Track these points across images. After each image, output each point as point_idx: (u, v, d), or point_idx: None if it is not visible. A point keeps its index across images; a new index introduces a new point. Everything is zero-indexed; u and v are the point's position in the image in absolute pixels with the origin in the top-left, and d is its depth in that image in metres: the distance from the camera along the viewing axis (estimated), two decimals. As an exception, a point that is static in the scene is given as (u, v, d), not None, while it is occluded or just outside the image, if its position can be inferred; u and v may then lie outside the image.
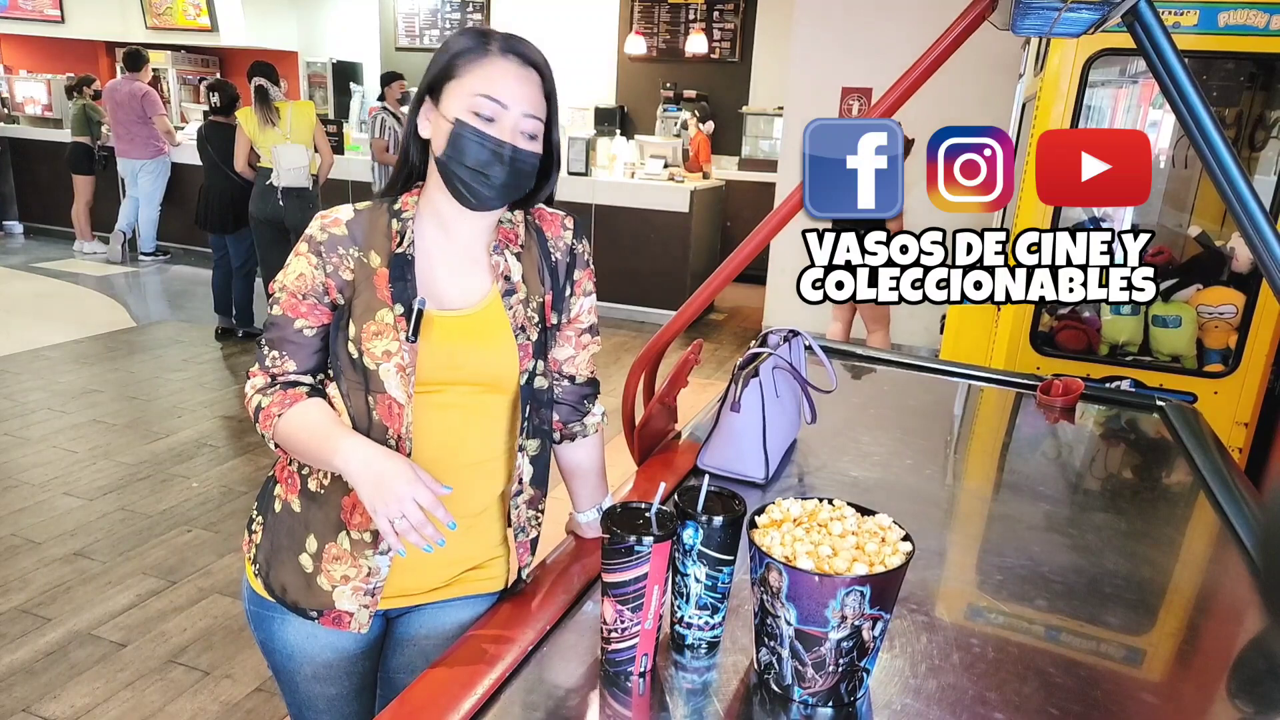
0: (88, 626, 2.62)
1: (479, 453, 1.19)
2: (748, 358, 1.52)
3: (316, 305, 1.14)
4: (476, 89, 1.10)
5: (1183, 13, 2.56)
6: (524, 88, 1.12)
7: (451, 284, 1.17)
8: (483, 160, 1.10)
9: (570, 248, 1.26)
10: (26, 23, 9.68)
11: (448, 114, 1.11)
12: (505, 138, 1.10)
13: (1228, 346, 2.95)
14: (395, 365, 1.11)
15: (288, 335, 1.14)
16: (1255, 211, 1.04)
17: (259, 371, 1.16)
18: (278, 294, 1.15)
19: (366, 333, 1.12)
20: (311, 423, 1.10)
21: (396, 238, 1.15)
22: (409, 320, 1.11)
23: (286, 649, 1.22)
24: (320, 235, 1.13)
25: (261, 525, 1.22)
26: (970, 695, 0.96)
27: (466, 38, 1.14)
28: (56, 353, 5.25)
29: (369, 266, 1.13)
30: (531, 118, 1.12)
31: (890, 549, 0.91)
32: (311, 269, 1.13)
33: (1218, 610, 1.29)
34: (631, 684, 0.95)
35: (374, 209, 1.17)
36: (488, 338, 1.17)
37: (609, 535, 0.93)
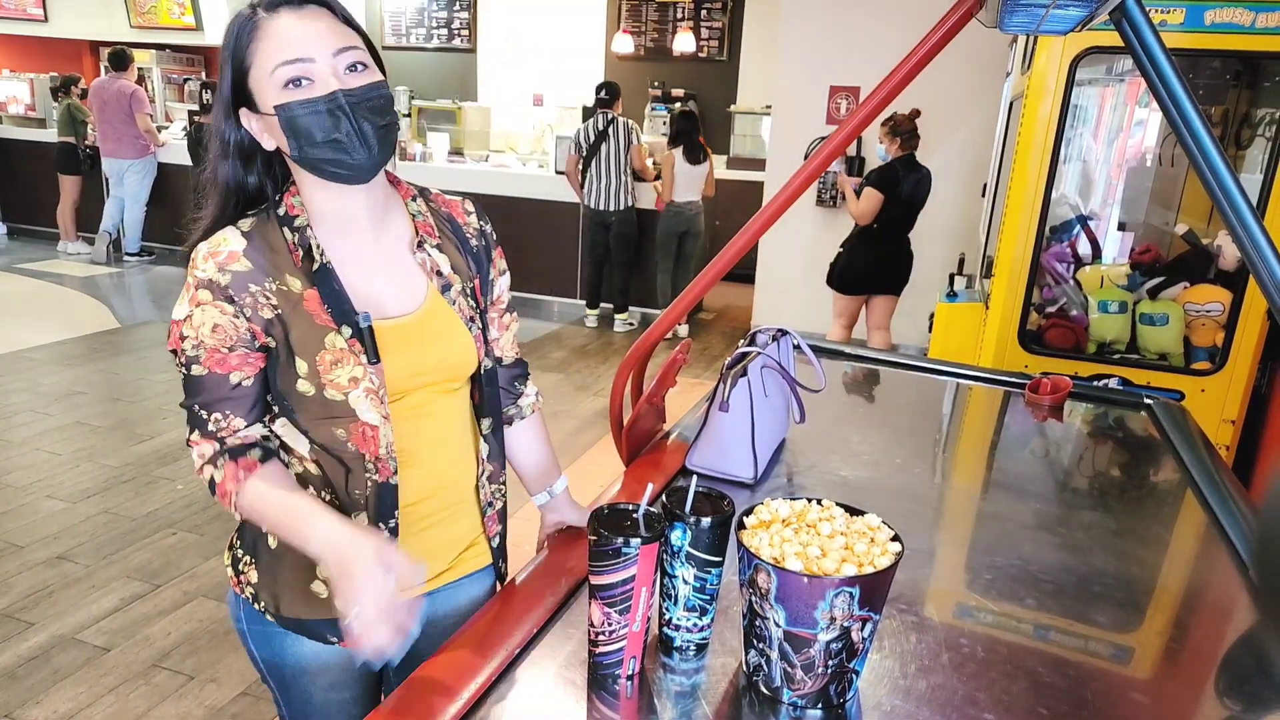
0: (71, 631, 2.60)
1: (453, 446, 1.18)
2: (736, 357, 1.52)
3: (249, 354, 1.03)
4: (272, 62, 0.98)
5: (1169, 10, 2.57)
6: (316, 29, 0.99)
7: (383, 290, 1.09)
8: (327, 126, 0.98)
9: (481, 230, 1.22)
10: (9, 22, 9.60)
11: (266, 107, 0.99)
12: (333, 87, 0.98)
13: (1215, 344, 2.96)
14: (364, 390, 1.04)
15: (224, 394, 1.04)
16: (1243, 209, 1.04)
17: (202, 439, 1.05)
18: (191, 353, 1.02)
19: (323, 363, 1.03)
20: (276, 504, 1.03)
21: (299, 251, 1.04)
22: (361, 340, 1.03)
23: (300, 664, 1.17)
24: (221, 277, 1.00)
25: (254, 564, 1.16)
26: (960, 695, 0.95)
27: (234, 24, 1.00)
28: (40, 354, 5.21)
29: (293, 294, 1.03)
30: (345, 50, 0.99)
31: (879, 549, 0.90)
32: (229, 318, 1.01)
33: (1206, 608, 1.29)
34: (619, 687, 0.94)
35: (260, 225, 1.05)
36: (442, 336, 1.12)
37: (596, 537, 0.92)
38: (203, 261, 1.01)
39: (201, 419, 1.05)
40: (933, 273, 5.42)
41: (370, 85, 1.01)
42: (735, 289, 7.04)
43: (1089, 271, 3.28)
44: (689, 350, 1.66)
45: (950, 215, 5.59)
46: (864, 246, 4.67)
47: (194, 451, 1.07)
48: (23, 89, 8.68)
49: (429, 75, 10.18)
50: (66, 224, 7.93)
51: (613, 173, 6.07)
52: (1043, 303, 3.22)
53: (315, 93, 0.98)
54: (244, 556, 1.17)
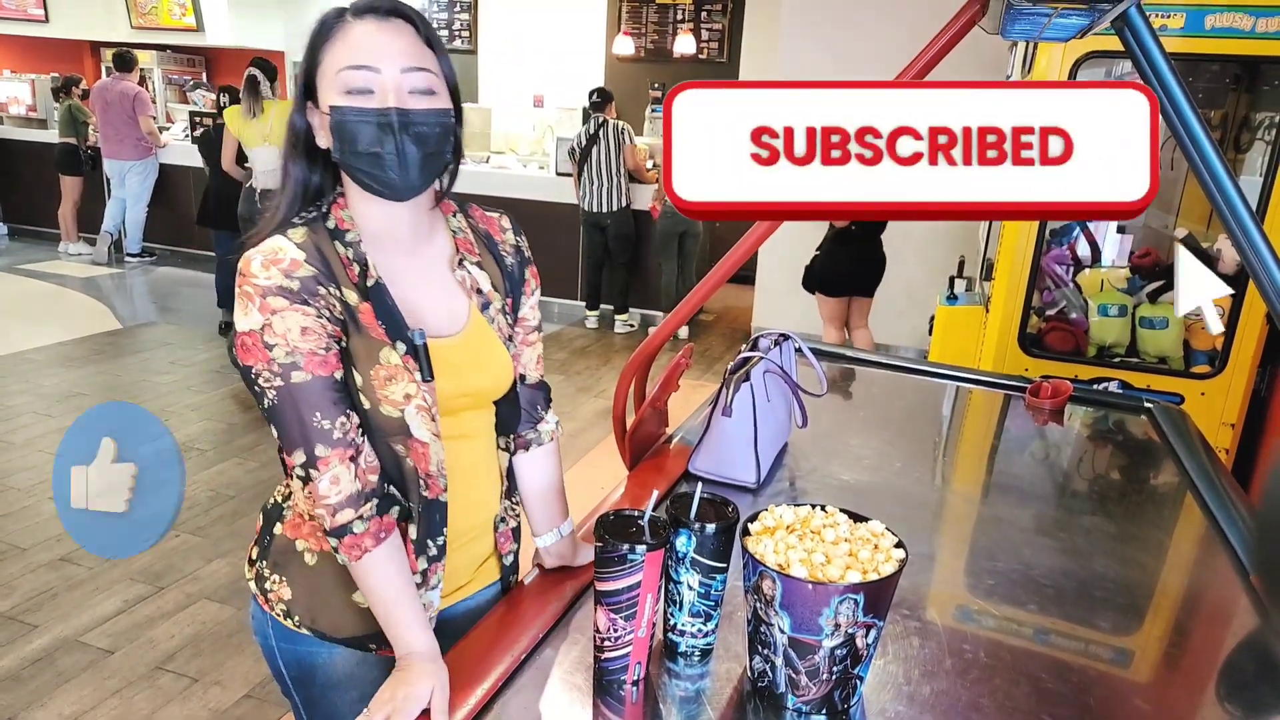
0: (75, 633, 2.60)
1: (485, 467, 1.17)
2: (738, 361, 1.52)
3: (339, 352, 1.01)
4: (339, 64, 0.98)
5: (1169, 15, 2.57)
6: (393, 41, 0.99)
7: (429, 308, 1.08)
8: (372, 138, 0.97)
9: (517, 247, 1.21)
10: (10, 22, 9.60)
11: (324, 105, 1.00)
12: (390, 103, 0.97)
13: (1214, 348, 2.97)
14: (416, 407, 1.03)
15: (336, 394, 0.99)
16: (1243, 213, 1.05)
17: (336, 453, 0.98)
18: (286, 360, 0.96)
19: (377, 378, 1.01)
20: (392, 587, 1.01)
21: (354, 266, 1.03)
22: (416, 358, 1.02)
23: (333, 679, 1.16)
24: (289, 282, 0.97)
25: (284, 581, 1.12)
26: (964, 701, 0.96)
27: (321, 20, 1.01)
28: (41, 355, 5.21)
29: (350, 305, 1.01)
30: (416, 70, 0.99)
31: (884, 556, 0.91)
32: (314, 319, 0.98)
33: (1207, 612, 1.30)
34: (625, 692, 0.95)
35: (315, 234, 1.02)
36: (484, 356, 1.12)
37: (602, 543, 0.92)
38: (262, 270, 0.97)
39: (325, 430, 0.98)
40: (932, 276, 5.42)
41: (430, 111, 1.00)
42: (735, 291, 7.04)
43: (1089, 275, 3.28)
44: (691, 355, 1.66)
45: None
46: (842, 248, 4.65)
47: (324, 475, 0.98)
48: (24, 90, 8.68)
49: (429, 76, 10.16)
50: (68, 225, 7.93)
51: (605, 175, 6.09)
52: (1043, 306, 3.23)
53: (371, 104, 0.97)
54: (271, 575, 1.14)
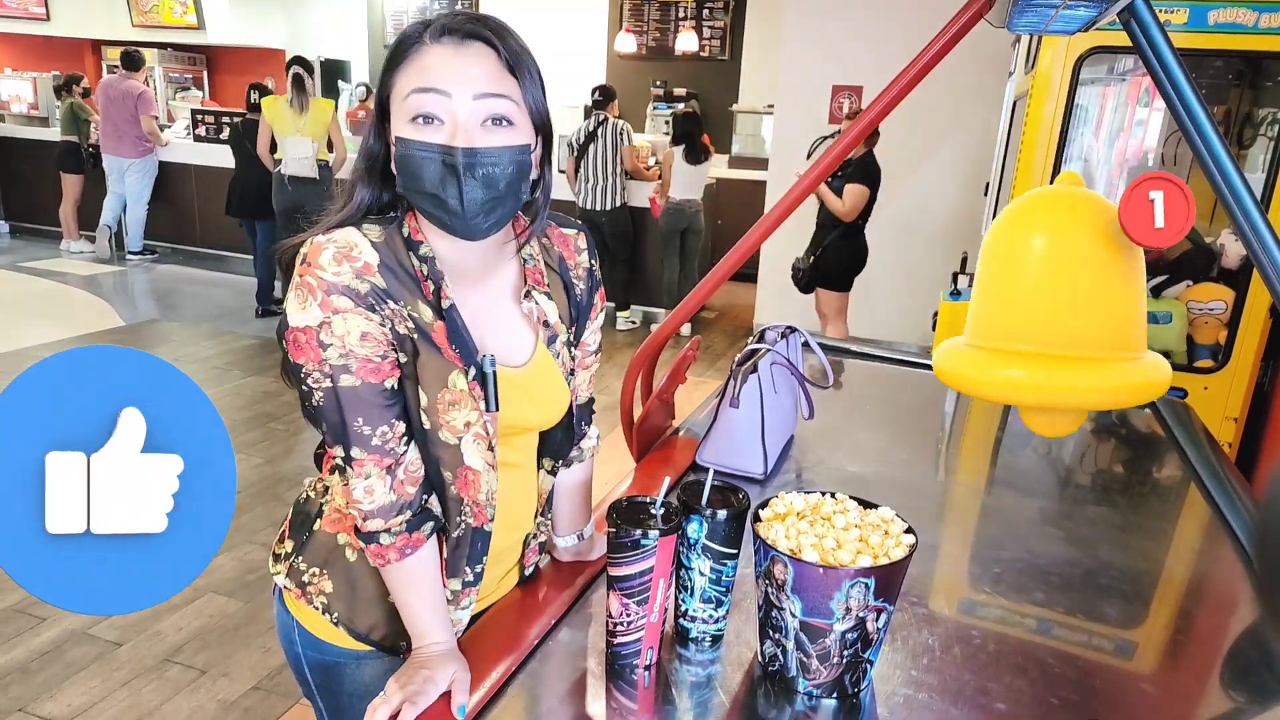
0: (83, 626, 2.61)
1: (525, 492, 1.14)
2: (746, 353, 1.53)
3: (396, 361, 0.96)
4: (408, 87, 0.92)
5: (1173, 10, 2.58)
6: (467, 65, 0.91)
7: (494, 339, 1.03)
8: (435, 178, 0.91)
9: (590, 271, 1.15)
10: (11, 21, 9.61)
11: (392, 135, 0.94)
12: (455, 139, 0.91)
13: (1217, 342, 2.97)
14: (474, 435, 0.99)
15: (384, 402, 0.95)
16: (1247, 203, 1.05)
17: (374, 459, 0.96)
18: (338, 362, 0.92)
19: (442, 403, 0.97)
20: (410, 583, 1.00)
21: (429, 283, 0.98)
22: (482, 385, 0.98)
23: (360, 689, 1.14)
24: (359, 284, 0.92)
25: (326, 575, 1.09)
26: (972, 686, 0.97)
27: (399, 38, 0.95)
28: (44, 352, 5.14)
29: (423, 321, 0.96)
30: (490, 97, 0.92)
31: (894, 541, 0.92)
32: (375, 325, 0.93)
33: (1212, 601, 1.31)
34: (637, 676, 0.96)
35: (390, 238, 0.97)
36: (545, 389, 1.07)
37: (614, 529, 0.93)
38: (333, 264, 0.92)
39: (364, 435, 0.95)
40: (936, 271, 5.43)
41: (501, 149, 0.93)
42: (737, 288, 7.05)
43: (1092, 270, 3.29)
44: (699, 347, 1.67)
45: (953, 214, 5.60)
46: (846, 241, 4.70)
47: (359, 480, 0.96)
48: (25, 88, 8.70)
49: (431, 74, 10.17)
50: (69, 223, 7.94)
51: (600, 173, 6.11)
52: (1046, 301, 3.23)
53: (436, 138, 0.91)
54: (310, 569, 1.11)
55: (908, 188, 5.57)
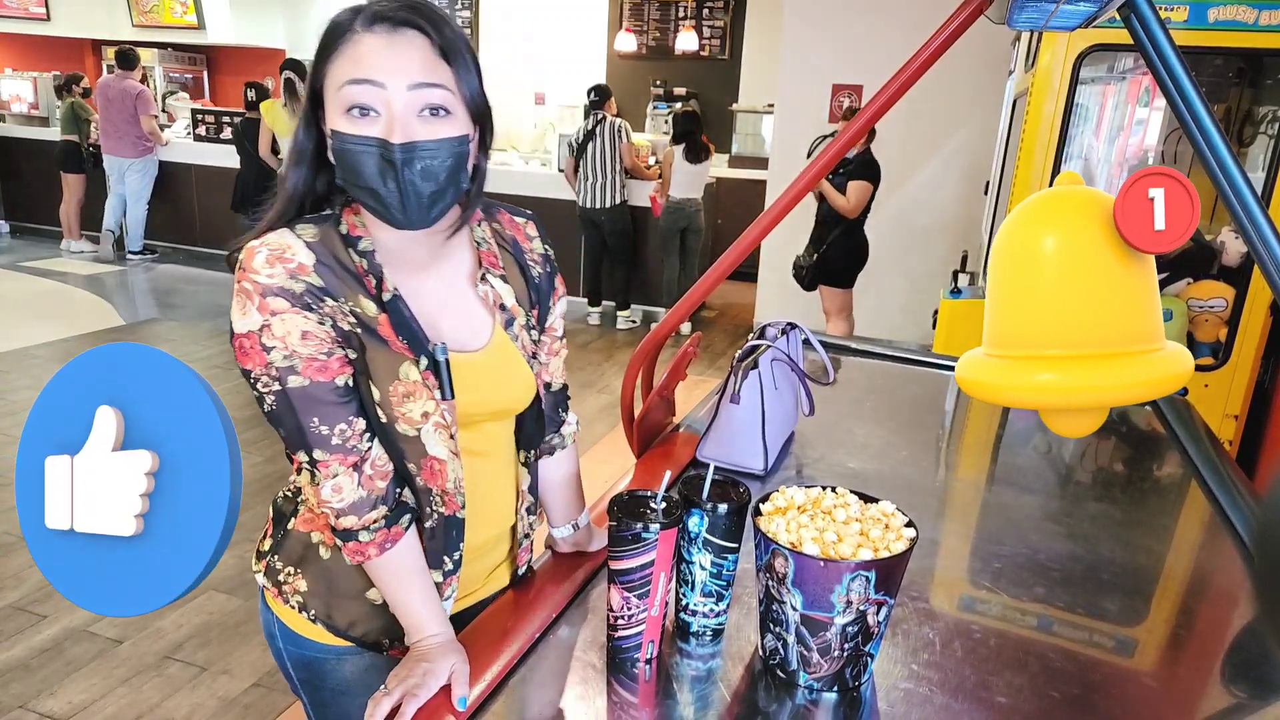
0: (83, 623, 2.62)
1: (502, 483, 1.14)
2: (746, 350, 1.53)
3: (345, 357, 0.95)
4: (341, 78, 0.90)
5: (1173, 8, 2.58)
6: (401, 55, 0.89)
7: (450, 325, 1.03)
8: (374, 173, 0.90)
9: (545, 255, 1.16)
10: (12, 21, 9.62)
11: (327, 127, 0.93)
12: (393, 134, 0.89)
13: (1218, 340, 2.98)
14: (434, 425, 0.98)
15: (337, 400, 0.94)
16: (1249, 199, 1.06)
17: (337, 458, 0.95)
18: (284, 364, 0.92)
19: (395, 395, 0.96)
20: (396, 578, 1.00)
21: (370, 277, 0.97)
22: (436, 374, 0.98)
23: (342, 685, 1.14)
24: (293, 284, 0.92)
25: (300, 574, 1.10)
26: (973, 680, 0.97)
27: (330, 25, 0.92)
28: (45, 351, 5.22)
29: (366, 315, 0.96)
30: (425, 87, 0.90)
31: (894, 535, 0.92)
32: (315, 324, 0.93)
33: (1212, 597, 1.31)
34: (638, 670, 0.96)
35: (326, 238, 0.96)
36: (505, 371, 1.07)
37: (615, 523, 0.93)
38: (266, 267, 0.91)
39: (323, 435, 0.94)
40: (936, 269, 5.43)
41: (439, 142, 0.91)
42: (737, 287, 7.05)
43: (1092, 268, 3.29)
44: (699, 344, 1.68)
45: (953, 212, 5.60)
46: (849, 238, 4.72)
47: (325, 481, 0.96)
48: (26, 88, 8.70)
49: (431, 74, 10.18)
50: (70, 222, 7.95)
51: (600, 172, 6.12)
52: (1046, 299, 3.23)
53: (372, 130, 0.90)
54: (285, 568, 1.11)
55: (908, 186, 5.58)
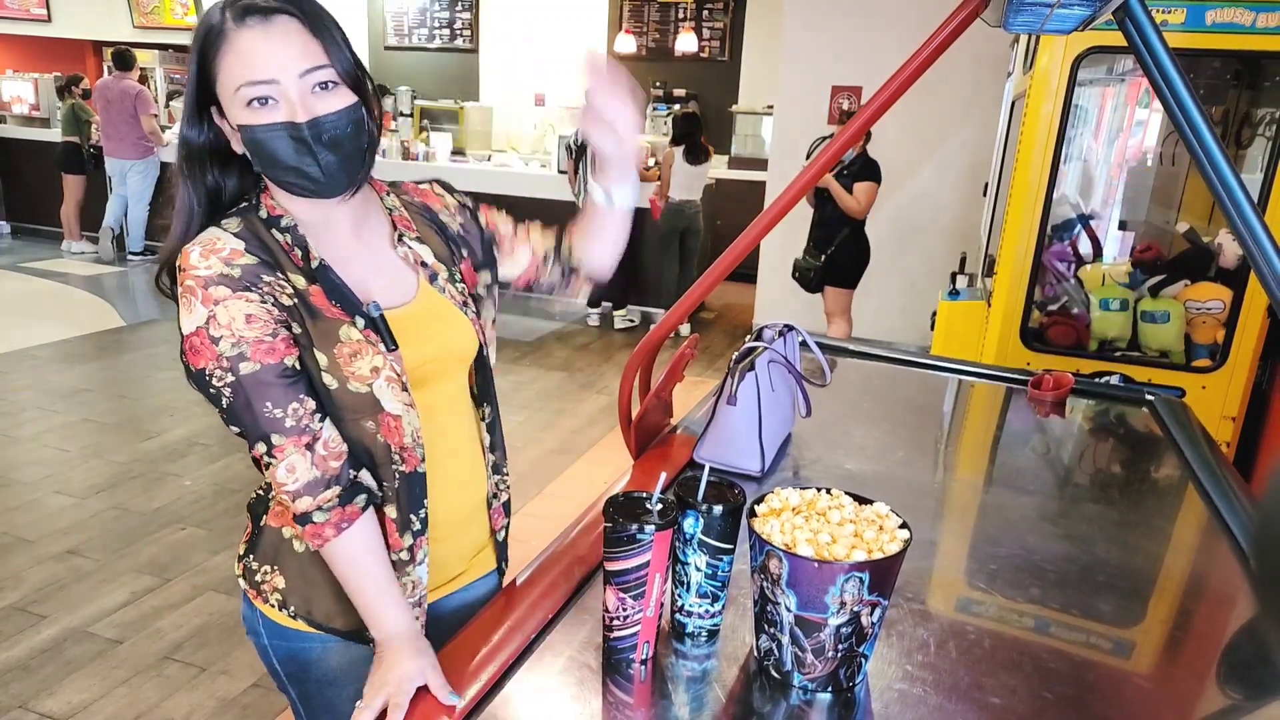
0: (83, 624, 2.62)
1: (466, 442, 1.17)
2: (743, 352, 1.54)
3: (290, 337, 0.99)
4: (235, 81, 0.95)
5: (1170, 10, 2.58)
6: (282, 47, 0.95)
7: (377, 286, 1.07)
8: (291, 152, 0.96)
9: (461, 204, 1.22)
10: (13, 22, 9.63)
11: (232, 122, 0.98)
12: (298, 115, 0.95)
13: (1215, 342, 2.98)
14: (386, 379, 1.02)
15: (287, 381, 0.97)
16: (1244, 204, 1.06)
17: (291, 441, 0.97)
18: (233, 353, 0.95)
19: (342, 357, 1.00)
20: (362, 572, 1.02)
21: (296, 250, 1.02)
22: (376, 330, 1.03)
23: (328, 675, 1.15)
24: (230, 270, 0.96)
25: (277, 571, 1.11)
26: (966, 680, 0.97)
27: (201, 27, 0.96)
28: (46, 352, 5.23)
29: (300, 288, 1.01)
30: (312, 70, 0.96)
31: (888, 536, 0.93)
32: (258, 305, 0.96)
33: (1208, 598, 1.31)
34: (633, 671, 0.97)
35: (248, 226, 1.02)
36: (442, 322, 1.12)
37: (611, 524, 0.94)
38: (202, 260, 0.96)
39: (277, 419, 0.97)
40: (935, 271, 5.44)
41: (337, 112, 0.97)
42: (736, 288, 7.06)
43: (1090, 270, 3.29)
44: (697, 345, 1.68)
45: (952, 214, 5.60)
46: (856, 238, 4.73)
47: (280, 464, 0.97)
48: (27, 89, 8.71)
49: (431, 75, 10.20)
50: (70, 223, 7.96)
51: None
52: (1044, 301, 3.24)
53: (277, 117, 0.95)
54: (261, 567, 1.13)
55: (907, 187, 5.58)
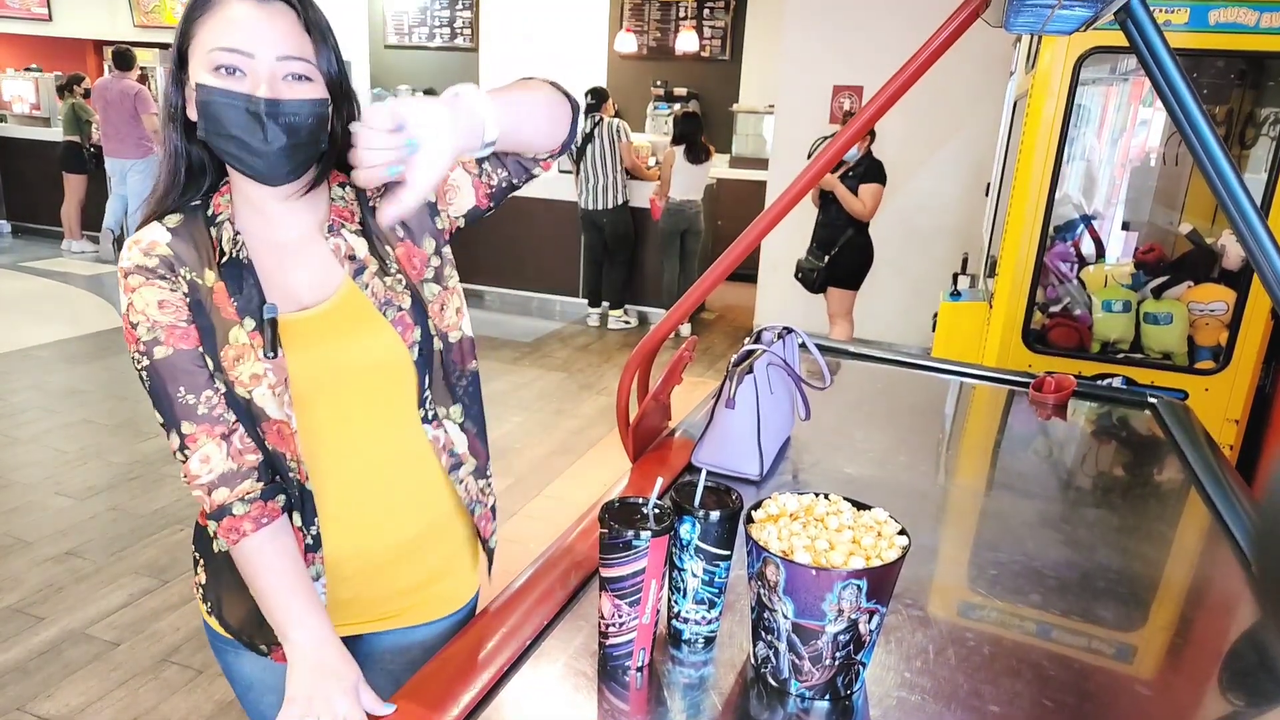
0: (81, 626, 2.62)
1: (392, 461, 1.11)
2: (742, 354, 1.53)
3: (196, 327, 1.00)
4: (211, 43, 0.94)
5: (1174, 10, 2.57)
6: (270, 27, 0.95)
7: (299, 280, 1.05)
8: (240, 123, 0.94)
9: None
10: (14, 21, 9.63)
11: (192, 81, 0.96)
12: (261, 91, 0.94)
13: (1218, 344, 2.97)
14: (268, 386, 0.99)
15: (199, 367, 0.98)
16: (1246, 206, 1.05)
17: (204, 429, 0.98)
18: (148, 336, 0.97)
19: (227, 359, 0.98)
20: (276, 573, 0.99)
21: (216, 246, 1.01)
22: (263, 333, 0.99)
23: (245, 680, 1.16)
24: (147, 260, 0.98)
25: (204, 565, 1.13)
26: (965, 688, 0.96)
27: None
28: (45, 352, 5.23)
29: (204, 287, 1.00)
30: (291, 59, 0.96)
31: (886, 543, 0.92)
32: (168, 292, 0.98)
33: (1210, 604, 1.30)
34: (629, 678, 0.96)
35: (188, 222, 1.02)
36: (355, 326, 1.05)
37: (607, 530, 0.93)
38: (127, 251, 1.00)
39: (189, 405, 0.98)
40: (937, 272, 5.43)
41: (302, 101, 0.96)
42: (737, 289, 7.05)
43: (1093, 271, 3.28)
44: (695, 348, 1.67)
45: (954, 214, 5.59)
46: (862, 239, 4.73)
47: (194, 454, 0.98)
48: (28, 88, 8.72)
49: (431, 74, 10.20)
50: (70, 223, 7.96)
51: (601, 173, 6.12)
52: (1046, 302, 3.23)
53: (240, 87, 0.94)
54: (198, 555, 1.13)
55: (909, 188, 5.57)
